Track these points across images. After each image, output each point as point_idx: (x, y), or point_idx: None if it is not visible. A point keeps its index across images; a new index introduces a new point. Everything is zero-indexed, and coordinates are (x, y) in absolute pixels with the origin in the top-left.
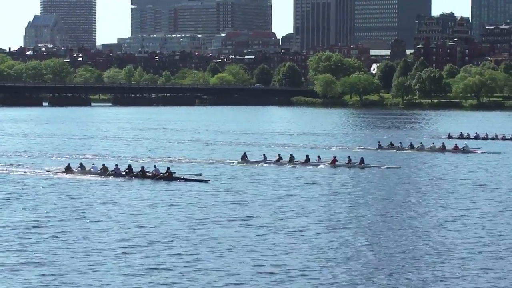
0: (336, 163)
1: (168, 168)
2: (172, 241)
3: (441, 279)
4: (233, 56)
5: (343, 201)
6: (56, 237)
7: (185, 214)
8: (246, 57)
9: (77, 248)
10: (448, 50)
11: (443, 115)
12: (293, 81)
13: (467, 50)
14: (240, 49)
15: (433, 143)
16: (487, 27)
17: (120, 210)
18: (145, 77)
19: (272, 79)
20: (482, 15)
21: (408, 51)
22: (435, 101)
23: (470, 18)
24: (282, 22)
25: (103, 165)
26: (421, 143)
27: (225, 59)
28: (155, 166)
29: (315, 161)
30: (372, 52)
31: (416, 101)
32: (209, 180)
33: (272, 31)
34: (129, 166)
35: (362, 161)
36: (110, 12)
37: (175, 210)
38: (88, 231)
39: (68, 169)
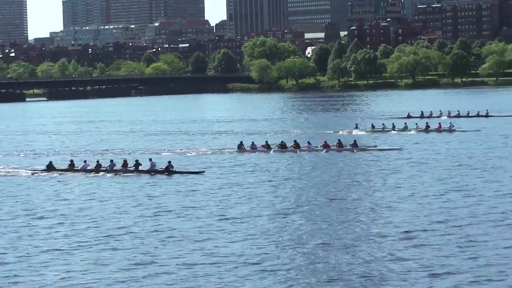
0: (329, 147)
1: (169, 162)
2: (123, 234)
3: (394, 261)
4: (167, 45)
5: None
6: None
7: (144, 206)
8: (181, 45)
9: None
10: (382, 31)
11: (381, 95)
12: (228, 68)
13: (400, 30)
14: (174, 38)
15: (416, 124)
16: (419, 6)
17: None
18: (79, 70)
19: (208, 66)
20: None
21: (342, 33)
22: (371, 82)
23: None
24: (215, 9)
25: (97, 161)
26: (405, 123)
27: (159, 49)
28: (150, 159)
29: (306, 147)
30: (306, 35)
31: (352, 82)
32: (203, 171)
33: (206, 18)
34: (125, 161)
35: (355, 144)
36: (41, 5)
37: (127, 202)
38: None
39: (50, 167)
